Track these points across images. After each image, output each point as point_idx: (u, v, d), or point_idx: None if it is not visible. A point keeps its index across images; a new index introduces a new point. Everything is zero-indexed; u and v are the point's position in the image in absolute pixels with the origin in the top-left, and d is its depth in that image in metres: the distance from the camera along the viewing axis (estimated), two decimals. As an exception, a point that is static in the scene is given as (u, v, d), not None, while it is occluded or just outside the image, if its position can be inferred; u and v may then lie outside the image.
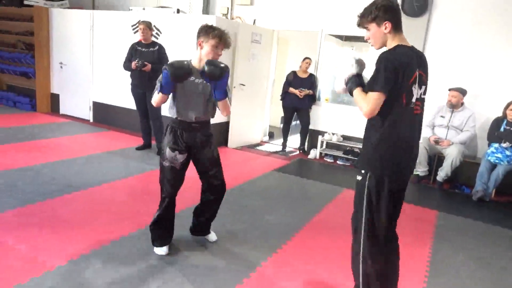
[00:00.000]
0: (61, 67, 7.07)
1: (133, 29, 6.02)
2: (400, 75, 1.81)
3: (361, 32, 2.08)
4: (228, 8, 6.58)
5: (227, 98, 2.42)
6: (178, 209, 2.80)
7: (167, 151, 2.50)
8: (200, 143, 2.56)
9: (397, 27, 1.91)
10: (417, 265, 2.81)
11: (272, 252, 2.80)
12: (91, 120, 6.90)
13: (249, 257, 2.69)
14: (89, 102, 6.87)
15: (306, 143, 6.22)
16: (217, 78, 2.25)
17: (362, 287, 2.03)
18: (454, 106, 4.85)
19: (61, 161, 4.41)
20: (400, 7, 1.94)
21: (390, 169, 1.91)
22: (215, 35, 2.35)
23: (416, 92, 1.89)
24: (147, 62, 4.73)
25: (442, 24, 5.18)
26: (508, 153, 4.48)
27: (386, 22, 1.88)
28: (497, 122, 4.69)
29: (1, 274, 2.23)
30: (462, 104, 4.90)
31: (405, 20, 2.03)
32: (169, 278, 2.35)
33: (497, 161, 4.52)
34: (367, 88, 1.87)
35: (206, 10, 6.77)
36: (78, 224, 2.94)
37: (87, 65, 6.72)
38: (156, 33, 5.69)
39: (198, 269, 2.48)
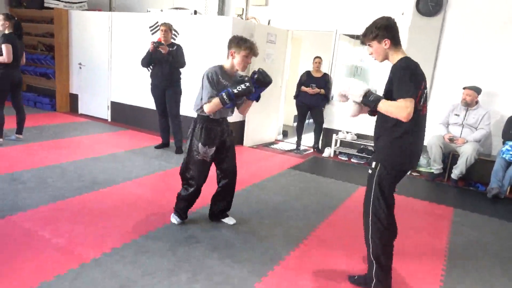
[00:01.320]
0: (80, 67, 7.25)
1: (151, 30, 6.17)
2: (418, 81, 2.11)
3: None
4: (243, 9, 6.69)
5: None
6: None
7: (200, 146, 2.84)
8: (226, 136, 2.96)
9: (396, 43, 2.18)
10: (435, 260, 2.90)
11: (294, 246, 2.91)
12: (109, 120, 7.07)
13: (272, 251, 2.81)
14: (107, 102, 7.05)
15: (320, 142, 6.31)
16: (264, 85, 2.75)
17: (374, 262, 2.29)
18: (469, 104, 4.90)
19: (86, 159, 4.57)
20: (396, 24, 2.20)
21: (403, 161, 2.23)
22: (247, 47, 2.70)
23: (423, 96, 2.18)
24: (168, 53, 4.87)
25: (456, 24, 5.22)
26: (523, 151, 4.51)
27: (385, 39, 2.16)
28: (512, 120, 4.73)
29: (43, 265, 2.38)
30: (477, 102, 4.94)
31: (419, 19, 2.23)
32: (197, 271, 2.47)
33: (511, 159, 4.56)
34: (398, 95, 2.04)
35: (221, 11, 6.89)
36: (108, 219, 3.09)
37: (105, 65, 6.89)
38: (174, 35, 5.83)
39: (224, 263, 2.60)
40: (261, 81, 2.71)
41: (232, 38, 2.78)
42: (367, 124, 5.99)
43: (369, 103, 2.13)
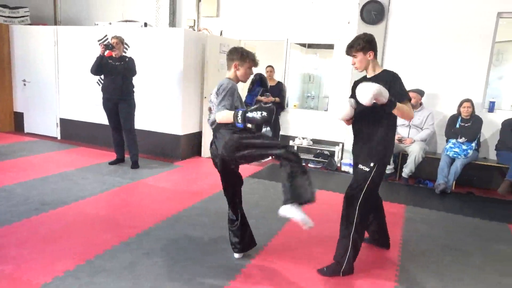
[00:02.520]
0: (25, 84, 6.90)
1: (100, 44, 5.99)
2: None
3: (322, 39, 2.52)
4: (194, 20, 6.70)
5: None
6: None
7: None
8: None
9: (376, 55, 2.60)
10: (390, 254, 3.02)
11: (255, 254, 2.91)
12: (59, 138, 6.76)
13: (233, 261, 2.80)
14: (56, 119, 6.74)
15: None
16: (266, 89, 2.91)
17: (350, 252, 2.61)
18: (414, 106, 5.18)
19: (34, 180, 4.33)
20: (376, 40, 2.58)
21: (389, 156, 2.68)
22: (251, 59, 2.70)
23: None
24: (116, 75, 4.79)
25: (398, 31, 5.54)
26: (464, 147, 4.84)
27: (370, 51, 2.55)
28: (453, 119, 5.07)
29: (-13, 296, 2.21)
30: (421, 104, 5.24)
31: (364, 27, 2.38)
32: (157, 287, 2.41)
33: (455, 155, 4.87)
34: (403, 99, 2.48)
35: (172, 23, 6.86)
36: (59, 241, 2.93)
37: (52, 81, 6.60)
38: (125, 48, 5.71)
39: (184, 277, 2.55)
40: (265, 85, 2.86)
41: (233, 50, 2.73)
42: (322, 130, 6.17)
43: (391, 103, 2.39)
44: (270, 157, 2.72)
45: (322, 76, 8.27)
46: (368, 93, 2.31)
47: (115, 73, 4.83)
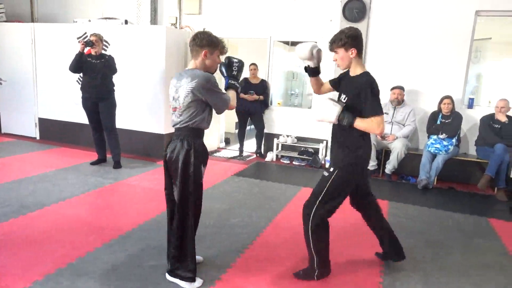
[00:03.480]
0: (1, 83, 6.69)
1: (79, 42, 5.85)
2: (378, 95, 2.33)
3: (305, 37, 2.43)
4: (176, 18, 6.61)
5: None
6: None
7: (202, 169, 2.43)
8: None
9: (360, 53, 2.35)
10: (374, 251, 3.04)
11: (240, 253, 2.89)
12: (38, 138, 6.59)
13: (219, 260, 2.77)
14: (34, 119, 6.56)
15: (263, 147, 6.39)
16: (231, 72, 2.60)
17: (316, 258, 2.49)
18: (400, 102, 5.25)
19: (12, 182, 4.20)
20: (362, 36, 2.34)
21: (362, 165, 2.46)
22: (222, 46, 2.42)
23: None
24: (96, 73, 4.70)
25: (379, 28, 5.59)
26: (445, 143, 4.93)
27: (352, 48, 2.30)
28: (434, 116, 5.15)
29: (-38, 303, 2.13)
30: (403, 100, 5.31)
31: (346, 25, 2.33)
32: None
33: (436, 151, 4.95)
34: (370, 113, 2.26)
35: (154, 20, 6.75)
36: (39, 244, 2.85)
37: (30, 80, 6.42)
38: (105, 45, 5.59)
39: (167, 279, 2.51)
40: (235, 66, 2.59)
41: (202, 35, 2.36)
42: (306, 127, 6.19)
43: (344, 125, 2.32)
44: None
45: (306, 74, 8.30)
46: (314, 118, 2.42)
47: (95, 71, 4.72)
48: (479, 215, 4.04)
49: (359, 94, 2.29)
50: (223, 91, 2.47)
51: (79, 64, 4.74)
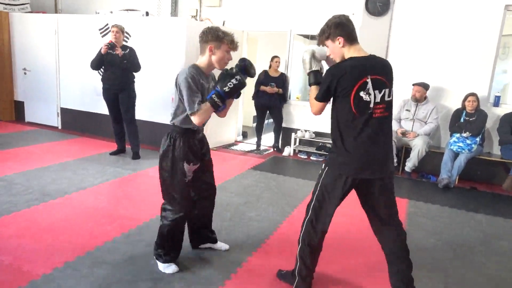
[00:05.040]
0: (25, 73, 6.84)
1: (101, 33, 5.93)
2: (334, 87, 2.00)
3: None
4: (197, 10, 6.61)
5: None
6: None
7: (186, 166, 2.33)
8: (205, 148, 2.57)
9: (350, 40, 2.04)
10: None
11: (257, 247, 2.89)
12: (60, 127, 6.72)
13: (235, 254, 2.77)
14: (56, 109, 6.70)
15: (280, 141, 6.35)
16: (250, 76, 2.42)
17: (298, 264, 2.27)
18: (418, 100, 5.13)
19: (35, 170, 4.30)
20: (350, 21, 2.07)
21: (346, 168, 2.03)
22: (229, 41, 2.28)
23: (371, 97, 1.97)
24: (122, 56, 4.74)
25: (403, 22, 5.45)
26: (468, 142, 4.79)
27: (338, 37, 2.03)
28: (457, 113, 5.01)
29: (-14, 286, 2.19)
30: (426, 97, 5.18)
31: (369, 19, 2.22)
32: (157, 279, 2.38)
33: (459, 150, 4.82)
34: (315, 96, 2.12)
35: (174, 12, 6.77)
36: (60, 232, 2.91)
37: (53, 70, 6.54)
38: (126, 37, 5.64)
39: (185, 268, 2.52)
40: (250, 71, 2.36)
41: (207, 30, 2.28)
42: (324, 122, 6.12)
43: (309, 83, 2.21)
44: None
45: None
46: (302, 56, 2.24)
47: (118, 65, 4.77)
48: (502, 216, 3.93)
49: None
50: (203, 96, 2.27)
51: (101, 63, 4.82)
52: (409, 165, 5.08)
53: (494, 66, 5.13)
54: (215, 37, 2.26)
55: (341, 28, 2.03)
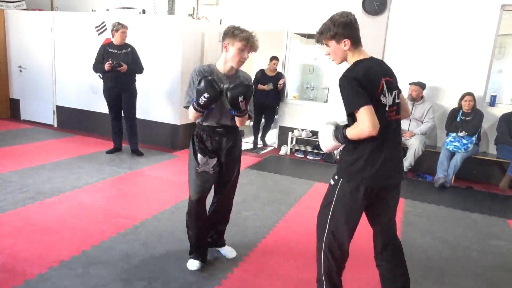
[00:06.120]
0: (21, 71, 6.79)
1: (98, 31, 5.90)
2: (364, 87, 1.76)
3: None
4: (193, 8, 6.59)
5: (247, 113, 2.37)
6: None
7: (200, 157, 2.37)
8: (229, 147, 2.44)
9: (356, 43, 1.87)
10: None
11: (253, 247, 2.88)
12: (56, 125, 6.69)
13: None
14: (52, 107, 6.66)
15: (277, 140, 6.36)
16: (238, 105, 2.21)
17: (324, 281, 2.03)
18: (415, 99, 5.14)
19: (30, 168, 4.28)
20: (356, 20, 1.91)
21: (362, 176, 1.84)
22: (242, 38, 2.23)
23: (387, 100, 1.84)
24: (123, 63, 4.72)
25: (400, 22, 5.46)
26: (464, 141, 4.80)
27: (345, 39, 1.85)
28: (454, 113, 5.03)
29: (-20, 286, 2.18)
30: (422, 97, 5.19)
31: (366, 18, 2.16)
32: (153, 278, 2.38)
33: (455, 149, 4.84)
34: (349, 111, 1.79)
35: (171, 10, 6.74)
36: (55, 230, 2.89)
37: (49, 68, 6.50)
38: (122, 35, 5.61)
39: (181, 268, 2.51)
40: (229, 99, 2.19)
41: (227, 28, 2.29)
42: (321, 121, 6.11)
43: (342, 142, 1.88)
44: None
45: (322, 67, 8.19)
46: (325, 145, 1.93)
47: (118, 61, 4.75)
48: (498, 216, 3.94)
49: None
50: (193, 93, 2.26)
51: (104, 72, 4.81)
52: (406, 164, 5.08)
53: (491, 65, 5.15)
54: (230, 34, 2.26)
55: (349, 29, 1.86)
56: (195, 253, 2.53)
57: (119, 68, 4.69)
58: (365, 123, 1.71)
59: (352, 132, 1.79)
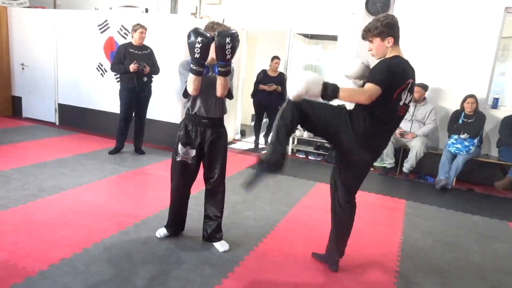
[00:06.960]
0: (23, 68, 6.80)
1: (100, 29, 5.90)
2: (393, 79, 2.07)
3: (326, 30, 2.30)
4: (196, 7, 6.59)
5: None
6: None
7: (179, 147, 2.64)
8: (212, 138, 2.65)
9: (397, 41, 2.21)
10: (389, 250, 2.99)
11: (254, 246, 2.88)
12: (57, 123, 6.69)
13: (232, 252, 2.76)
14: (54, 104, 6.66)
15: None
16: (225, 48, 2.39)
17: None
18: (417, 100, 5.13)
19: (31, 165, 4.28)
20: (398, 23, 2.21)
21: (371, 151, 2.27)
22: (209, 26, 2.58)
23: (404, 97, 2.14)
24: (146, 65, 4.77)
25: (403, 23, 5.41)
26: (466, 143, 4.80)
27: (389, 37, 2.18)
28: (456, 115, 5.02)
29: (-19, 282, 2.18)
30: (424, 98, 5.19)
31: (369, 19, 2.24)
32: (154, 277, 2.38)
33: (457, 151, 4.83)
34: (367, 80, 2.08)
35: (174, 9, 6.74)
36: (56, 228, 2.89)
37: (51, 66, 6.51)
38: (124, 33, 5.62)
39: (182, 266, 2.52)
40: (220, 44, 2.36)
41: (208, 23, 2.69)
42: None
43: (326, 92, 2.01)
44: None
45: (324, 67, 8.20)
46: (291, 92, 2.05)
47: (140, 61, 4.78)
48: (499, 218, 3.94)
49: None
50: (189, 73, 2.53)
51: (124, 72, 4.81)
52: (407, 166, 5.08)
53: (493, 68, 5.14)
54: (209, 28, 2.60)
55: (393, 29, 2.18)
56: (167, 227, 2.88)
57: (143, 70, 4.72)
58: (366, 93, 2.00)
59: (348, 93, 2.04)
